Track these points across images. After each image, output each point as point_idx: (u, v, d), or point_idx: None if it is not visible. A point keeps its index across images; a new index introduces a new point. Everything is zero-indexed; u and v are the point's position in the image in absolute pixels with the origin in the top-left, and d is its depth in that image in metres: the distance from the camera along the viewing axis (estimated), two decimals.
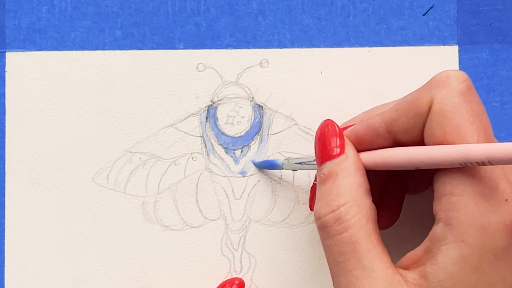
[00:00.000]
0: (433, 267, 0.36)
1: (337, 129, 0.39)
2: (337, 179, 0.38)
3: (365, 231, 0.37)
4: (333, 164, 0.38)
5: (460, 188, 0.36)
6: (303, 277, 0.46)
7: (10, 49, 0.46)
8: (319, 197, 0.38)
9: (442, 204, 0.36)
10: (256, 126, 0.46)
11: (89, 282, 0.45)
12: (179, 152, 0.46)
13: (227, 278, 0.46)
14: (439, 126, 0.36)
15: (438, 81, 0.37)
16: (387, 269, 0.36)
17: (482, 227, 0.35)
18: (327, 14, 0.47)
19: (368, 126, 0.39)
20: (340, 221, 0.37)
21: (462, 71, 0.37)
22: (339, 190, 0.38)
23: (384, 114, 0.38)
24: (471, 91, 0.37)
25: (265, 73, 0.46)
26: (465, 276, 0.35)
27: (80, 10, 0.46)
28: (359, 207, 0.37)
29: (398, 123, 0.38)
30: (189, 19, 0.47)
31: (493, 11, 0.47)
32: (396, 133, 0.38)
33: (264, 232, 0.46)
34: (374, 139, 0.39)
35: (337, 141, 0.39)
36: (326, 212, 0.37)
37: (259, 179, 0.46)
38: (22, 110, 0.46)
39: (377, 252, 0.37)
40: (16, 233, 0.46)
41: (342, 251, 0.37)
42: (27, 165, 0.46)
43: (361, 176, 0.38)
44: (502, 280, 0.36)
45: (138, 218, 0.46)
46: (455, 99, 0.36)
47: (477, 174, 0.35)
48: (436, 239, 0.36)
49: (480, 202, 0.35)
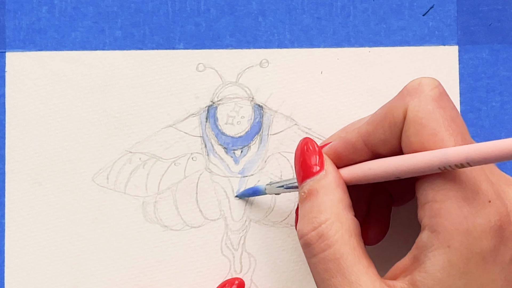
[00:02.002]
0: (422, 275, 0.36)
1: (316, 147, 0.39)
2: (318, 196, 0.38)
3: (349, 247, 0.37)
4: (313, 182, 0.38)
5: (442, 193, 0.35)
6: (303, 277, 0.46)
7: (10, 49, 0.46)
8: (301, 216, 0.38)
9: (426, 211, 0.36)
10: (256, 126, 0.46)
11: (89, 282, 0.45)
12: (179, 152, 0.46)
13: (227, 278, 0.46)
14: (415, 134, 0.36)
15: (410, 89, 0.37)
16: (374, 282, 0.36)
17: (467, 230, 0.35)
18: (327, 14, 0.47)
19: (346, 142, 0.39)
20: (323, 238, 0.37)
21: (433, 78, 0.37)
22: (320, 207, 0.38)
23: (360, 128, 0.39)
24: (443, 96, 0.37)
25: (265, 73, 0.46)
26: (454, 281, 0.35)
27: (80, 10, 0.46)
28: (341, 222, 0.37)
29: (374, 135, 0.38)
30: (189, 19, 0.47)
31: (493, 11, 0.47)
32: (373, 146, 0.38)
33: (264, 232, 0.46)
34: (353, 154, 0.39)
35: (317, 158, 0.39)
36: (309, 230, 0.37)
37: (259, 179, 0.46)
38: (22, 110, 0.46)
39: (363, 267, 0.36)
40: (16, 233, 0.46)
41: (327, 268, 0.37)
42: (27, 165, 0.46)
43: (341, 192, 0.38)
44: (491, 282, 0.35)
45: (138, 218, 0.46)
46: (429, 106, 0.36)
47: (458, 178, 0.35)
48: (423, 247, 0.36)
49: (463, 206, 0.35)
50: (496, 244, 0.35)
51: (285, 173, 0.46)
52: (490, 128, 0.46)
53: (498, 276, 0.36)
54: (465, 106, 0.46)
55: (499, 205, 0.35)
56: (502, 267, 0.36)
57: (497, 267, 0.35)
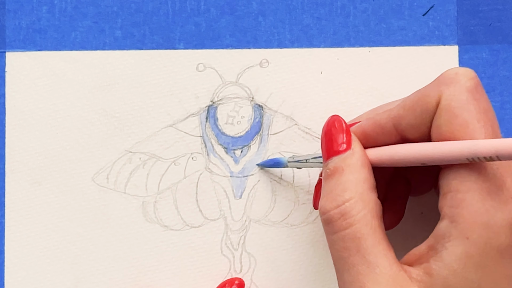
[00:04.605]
0: (438, 264, 0.36)
1: (344, 125, 0.39)
2: (343, 174, 0.38)
3: (370, 227, 0.37)
4: (339, 160, 0.38)
5: (466, 184, 0.36)
6: (303, 277, 0.46)
7: (10, 49, 0.46)
8: (325, 192, 0.38)
9: (448, 200, 0.36)
10: (256, 126, 0.46)
11: (89, 282, 0.45)
12: (179, 152, 0.46)
13: (227, 278, 0.46)
14: (446, 122, 0.36)
15: (446, 78, 0.37)
16: (391, 265, 0.36)
17: (487, 224, 0.35)
18: (327, 14, 0.47)
19: (375, 123, 0.39)
20: (345, 217, 0.37)
21: (470, 69, 0.37)
22: (345, 186, 0.37)
23: (391, 111, 0.38)
24: (479, 88, 0.37)
25: (265, 73, 0.46)
26: (469, 273, 0.35)
27: (80, 10, 0.46)
28: (365, 202, 0.37)
29: (405, 119, 0.38)
30: (189, 19, 0.47)
31: (493, 11, 0.47)
32: (403, 130, 0.38)
33: (264, 232, 0.46)
34: (381, 136, 0.39)
35: (344, 137, 0.39)
36: (332, 207, 0.37)
37: (259, 179, 0.46)
38: (22, 110, 0.46)
39: (382, 248, 0.37)
40: (16, 233, 0.46)
41: (347, 247, 0.37)
42: (27, 165, 0.46)
43: (367, 172, 0.38)
44: (506, 278, 0.35)
45: (138, 218, 0.46)
46: (463, 96, 0.36)
47: (484, 171, 0.35)
48: (441, 236, 0.36)
49: (486, 199, 0.35)
50: None
51: (285, 173, 0.46)
52: None
53: None
54: None
55: None
56: None
57: None
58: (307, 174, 0.46)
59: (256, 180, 0.46)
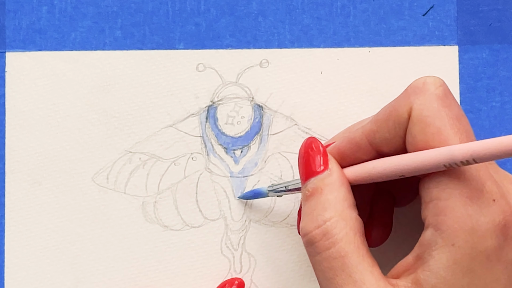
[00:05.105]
0: (425, 273, 0.35)
1: (320, 147, 0.39)
2: (322, 194, 0.38)
3: (354, 245, 0.37)
4: (317, 180, 0.38)
5: (446, 191, 0.36)
6: (303, 277, 0.46)
7: (10, 49, 0.46)
8: (305, 214, 0.38)
9: (430, 209, 0.36)
10: (256, 126, 0.46)
11: (89, 282, 0.45)
12: (179, 152, 0.46)
13: (227, 278, 0.46)
14: (420, 132, 0.36)
15: (414, 88, 0.37)
16: (378, 281, 0.36)
17: (471, 229, 0.35)
18: (327, 14, 0.47)
19: (350, 141, 0.39)
20: (327, 236, 0.37)
21: (438, 77, 0.37)
22: (325, 205, 0.37)
23: (364, 127, 0.39)
24: (448, 95, 0.37)
25: (265, 73, 0.46)
26: (458, 280, 0.35)
27: (80, 10, 0.46)
28: (346, 221, 0.37)
29: (378, 134, 0.38)
30: (189, 19, 0.47)
31: (493, 11, 0.47)
32: (378, 145, 0.38)
33: (264, 232, 0.46)
34: (357, 153, 0.39)
35: (321, 158, 0.39)
36: (313, 228, 0.37)
37: (259, 179, 0.46)
38: (22, 110, 0.46)
39: (367, 265, 0.36)
40: (16, 233, 0.46)
41: (331, 267, 0.37)
42: (27, 165, 0.46)
43: (345, 191, 0.38)
44: (495, 281, 0.35)
45: (138, 218, 0.46)
46: (434, 104, 0.36)
47: (463, 177, 0.35)
48: (427, 245, 0.36)
49: (468, 204, 0.35)
50: (500, 243, 0.35)
51: (285, 173, 0.46)
52: (490, 128, 0.46)
53: (502, 275, 0.36)
54: (465, 106, 0.46)
55: (503, 204, 0.35)
56: (506, 266, 0.36)
57: (501, 266, 0.35)
58: None
59: (256, 180, 0.46)
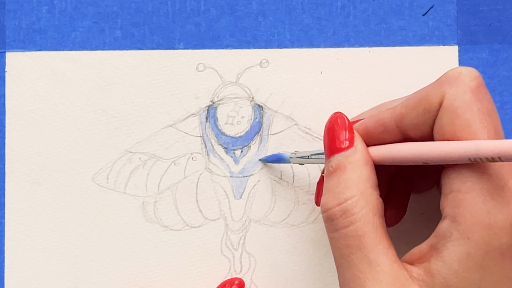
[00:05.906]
0: (438, 264, 0.36)
1: (346, 122, 0.39)
2: (345, 172, 0.38)
3: (372, 225, 0.37)
4: (342, 157, 0.38)
5: (467, 185, 0.36)
6: (303, 277, 0.46)
7: (10, 49, 0.46)
8: (327, 190, 0.38)
9: (449, 200, 0.36)
10: (256, 126, 0.46)
11: (89, 282, 0.45)
12: (179, 152, 0.46)
13: (227, 278, 0.46)
14: (449, 122, 0.36)
15: (449, 77, 0.37)
16: (392, 263, 0.36)
17: (488, 225, 0.35)
18: (327, 14, 0.47)
19: (378, 121, 0.39)
20: (347, 214, 0.37)
21: (474, 69, 0.37)
22: (347, 183, 0.38)
23: (394, 109, 0.38)
24: (482, 88, 0.37)
25: (265, 73, 0.46)
26: (470, 274, 0.35)
27: (80, 10, 0.46)
28: (366, 201, 0.37)
29: (408, 118, 0.38)
30: (189, 19, 0.47)
31: (493, 11, 0.47)
32: (405, 129, 0.38)
33: (264, 232, 0.46)
34: (383, 134, 0.39)
35: (347, 134, 0.39)
36: (333, 205, 0.37)
37: (259, 179, 0.46)
38: (22, 110, 0.46)
39: (383, 247, 0.37)
40: (16, 233, 0.46)
41: (348, 244, 0.37)
42: (27, 165, 0.46)
43: (369, 170, 0.38)
44: (507, 279, 0.36)
45: (138, 218, 0.46)
46: (466, 96, 0.36)
47: (485, 172, 0.35)
48: (442, 236, 0.36)
49: (487, 200, 0.35)
50: None
51: (285, 173, 0.46)
52: None
53: None
54: None
55: None
56: None
57: None
58: (307, 174, 0.46)
59: (256, 180, 0.46)
